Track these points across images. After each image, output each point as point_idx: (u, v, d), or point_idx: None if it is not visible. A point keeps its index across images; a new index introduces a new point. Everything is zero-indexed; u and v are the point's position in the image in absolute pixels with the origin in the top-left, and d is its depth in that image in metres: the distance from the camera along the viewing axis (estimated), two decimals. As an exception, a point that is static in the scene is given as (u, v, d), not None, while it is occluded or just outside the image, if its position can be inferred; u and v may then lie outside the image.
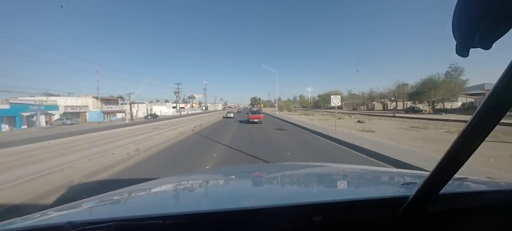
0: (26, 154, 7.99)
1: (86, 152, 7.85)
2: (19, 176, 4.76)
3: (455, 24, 0.40)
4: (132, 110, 44.44)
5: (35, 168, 5.59)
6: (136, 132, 15.27)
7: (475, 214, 0.81)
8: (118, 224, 0.65)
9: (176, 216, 0.70)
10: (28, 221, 0.77)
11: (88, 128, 21.11)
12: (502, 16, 0.35)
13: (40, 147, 9.72)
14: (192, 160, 6.66)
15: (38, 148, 9.42)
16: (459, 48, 0.41)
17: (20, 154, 7.98)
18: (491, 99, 0.43)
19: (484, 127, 0.48)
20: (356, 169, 1.86)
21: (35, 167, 5.74)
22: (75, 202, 1.06)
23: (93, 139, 11.87)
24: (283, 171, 1.82)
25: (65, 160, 6.46)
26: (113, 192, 1.25)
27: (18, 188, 4.19)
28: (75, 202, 1.06)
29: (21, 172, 5.15)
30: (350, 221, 0.76)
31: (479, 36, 0.38)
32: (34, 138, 13.43)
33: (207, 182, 1.56)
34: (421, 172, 1.58)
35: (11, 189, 4.13)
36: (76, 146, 9.33)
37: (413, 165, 4.98)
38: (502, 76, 0.40)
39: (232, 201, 1.07)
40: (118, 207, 1.04)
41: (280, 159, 6.34)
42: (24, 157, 7.36)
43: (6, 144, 10.78)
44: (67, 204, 1.01)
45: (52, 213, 0.89)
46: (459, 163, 0.57)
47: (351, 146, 7.82)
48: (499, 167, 4.86)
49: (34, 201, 3.65)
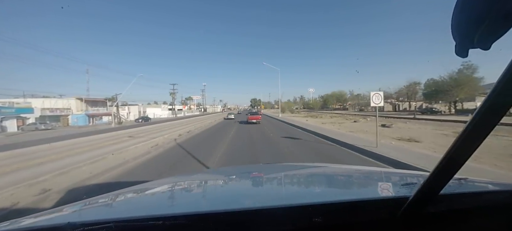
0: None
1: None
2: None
3: (454, 24, 0.40)
4: (123, 112, 41.23)
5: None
6: (102, 142, 11.58)
7: (475, 214, 0.81)
8: (118, 225, 0.65)
9: (176, 217, 0.70)
10: (28, 221, 0.78)
11: (57, 135, 17.65)
12: (501, 16, 0.34)
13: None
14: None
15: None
16: (458, 48, 0.41)
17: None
18: (491, 99, 0.43)
19: (484, 127, 0.48)
20: (356, 170, 1.84)
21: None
22: (75, 202, 1.08)
23: (21, 156, 8.23)
24: (283, 171, 1.80)
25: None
26: (113, 192, 1.25)
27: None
28: (75, 202, 1.08)
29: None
30: (351, 221, 0.76)
31: (478, 37, 0.38)
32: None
33: (207, 182, 1.57)
34: (421, 172, 1.58)
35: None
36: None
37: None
38: (502, 76, 0.40)
39: (232, 202, 1.06)
40: (118, 208, 1.05)
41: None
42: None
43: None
44: (67, 205, 1.03)
45: (52, 213, 0.90)
46: (459, 163, 0.57)
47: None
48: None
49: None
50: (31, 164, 6.81)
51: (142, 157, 7.27)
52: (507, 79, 0.39)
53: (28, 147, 10.88)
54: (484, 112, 0.46)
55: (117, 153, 7.86)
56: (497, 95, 0.42)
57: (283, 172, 1.76)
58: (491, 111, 0.45)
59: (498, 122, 0.47)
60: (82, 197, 1.30)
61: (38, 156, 8.08)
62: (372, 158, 6.34)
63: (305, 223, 0.72)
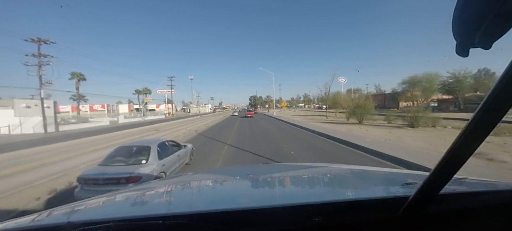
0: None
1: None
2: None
3: (455, 24, 0.40)
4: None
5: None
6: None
7: (475, 214, 0.81)
8: (118, 224, 0.65)
9: (176, 216, 0.71)
10: (29, 221, 0.78)
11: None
12: (502, 16, 0.35)
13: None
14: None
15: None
16: (459, 48, 0.41)
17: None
18: (491, 99, 0.43)
19: (484, 127, 0.48)
20: (356, 169, 1.81)
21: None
22: (75, 202, 1.08)
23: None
24: (284, 171, 1.81)
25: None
26: (113, 192, 1.28)
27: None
28: (75, 202, 1.08)
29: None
30: (351, 221, 0.76)
31: (479, 36, 0.38)
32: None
33: (207, 182, 1.58)
34: (421, 172, 1.53)
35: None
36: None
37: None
38: (502, 76, 0.40)
39: (232, 201, 1.06)
40: (118, 208, 1.07)
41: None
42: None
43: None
44: (67, 204, 1.03)
45: (52, 213, 0.89)
46: (459, 163, 0.57)
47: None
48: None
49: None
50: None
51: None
52: (507, 79, 0.39)
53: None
54: (484, 112, 0.46)
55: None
56: (497, 95, 0.42)
57: (283, 172, 1.76)
58: (491, 111, 0.45)
59: (498, 122, 0.47)
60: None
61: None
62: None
63: (305, 223, 0.72)
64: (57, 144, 11.46)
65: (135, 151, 4.38)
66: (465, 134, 0.50)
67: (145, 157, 4.14)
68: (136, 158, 4.16)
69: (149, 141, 5.04)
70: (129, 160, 4.14)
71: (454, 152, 0.55)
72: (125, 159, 4.15)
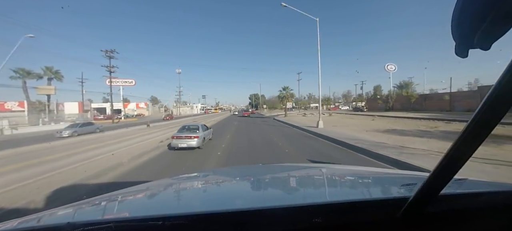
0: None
1: None
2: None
3: (454, 24, 0.40)
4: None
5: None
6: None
7: (475, 214, 0.81)
8: (118, 225, 0.66)
9: (176, 217, 0.70)
10: (28, 221, 0.79)
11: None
12: (501, 16, 0.35)
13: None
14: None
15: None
16: (458, 48, 0.42)
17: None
18: (491, 99, 0.43)
19: (484, 127, 0.48)
20: (356, 170, 1.87)
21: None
22: (75, 202, 1.07)
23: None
24: (284, 172, 1.82)
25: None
26: (113, 193, 1.26)
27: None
28: (75, 202, 1.07)
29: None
30: (351, 222, 0.76)
31: (478, 37, 0.38)
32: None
33: (207, 183, 1.57)
34: (421, 173, 1.61)
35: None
36: None
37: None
38: (502, 76, 0.40)
39: (232, 202, 1.07)
40: (117, 208, 1.03)
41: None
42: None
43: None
44: (67, 205, 1.02)
45: (52, 213, 0.90)
46: (459, 164, 0.57)
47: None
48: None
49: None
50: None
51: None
52: (507, 79, 0.39)
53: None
54: (484, 112, 0.46)
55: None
56: (497, 95, 0.42)
57: (283, 173, 1.77)
58: (491, 111, 0.45)
59: (498, 122, 0.47)
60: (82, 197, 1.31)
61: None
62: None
63: (305, 223, 0.72)
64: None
65: (192, 127, 9.89)
66: (465, 134, 0.50)
67: (198, 129, 9.53)
68: (193, 129, 9.51)
69: (197, 124, 10.38)
70: (190, 130, 9.45)
71: (454, 152, 0.55)
72: (188, 130, 9.46)
